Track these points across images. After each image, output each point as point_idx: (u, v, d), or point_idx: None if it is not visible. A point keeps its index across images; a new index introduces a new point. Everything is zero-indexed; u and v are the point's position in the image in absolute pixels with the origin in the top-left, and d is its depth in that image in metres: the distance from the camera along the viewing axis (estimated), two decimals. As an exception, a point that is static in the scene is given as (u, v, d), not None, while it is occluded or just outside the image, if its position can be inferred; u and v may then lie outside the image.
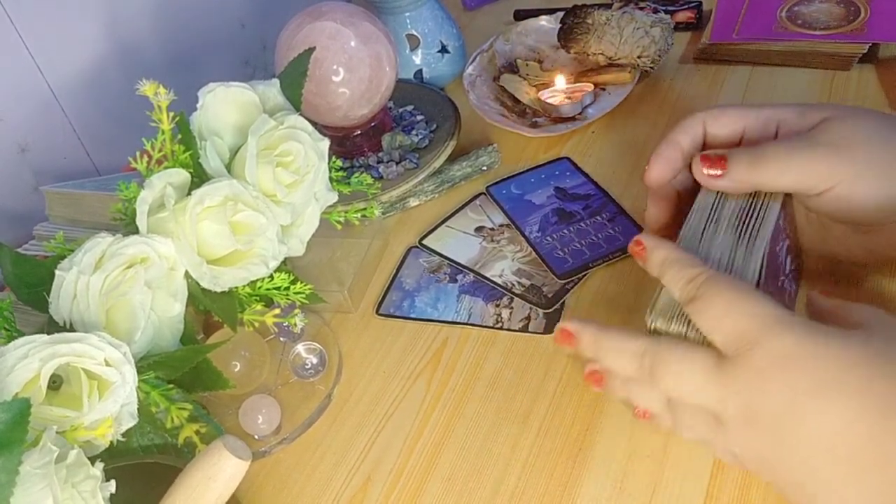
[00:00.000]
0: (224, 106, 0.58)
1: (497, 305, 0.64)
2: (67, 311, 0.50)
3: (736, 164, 0.47)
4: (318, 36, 0.71)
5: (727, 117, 0.51)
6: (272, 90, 0.60)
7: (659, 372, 0.42)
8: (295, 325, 0.56)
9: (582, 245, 0.66)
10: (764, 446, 0.39)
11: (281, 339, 0.64)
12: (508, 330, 0.61)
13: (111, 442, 0.46)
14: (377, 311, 0.67)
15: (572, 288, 0.63)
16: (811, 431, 0.37)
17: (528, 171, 0.76)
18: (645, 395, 0.44)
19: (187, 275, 0.54)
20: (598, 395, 0.55)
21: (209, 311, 0.56)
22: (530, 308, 0.63)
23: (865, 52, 0.75)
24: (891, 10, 0.78)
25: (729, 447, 0.41)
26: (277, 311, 0.56)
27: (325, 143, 0.59)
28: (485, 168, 0.77)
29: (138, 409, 0.47)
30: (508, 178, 0.76)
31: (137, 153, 0.55)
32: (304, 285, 0.58)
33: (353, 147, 0.81)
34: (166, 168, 0.55)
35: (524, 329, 0.61)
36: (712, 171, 0.47)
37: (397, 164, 0.78)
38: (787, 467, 0.38)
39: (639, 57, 0.79)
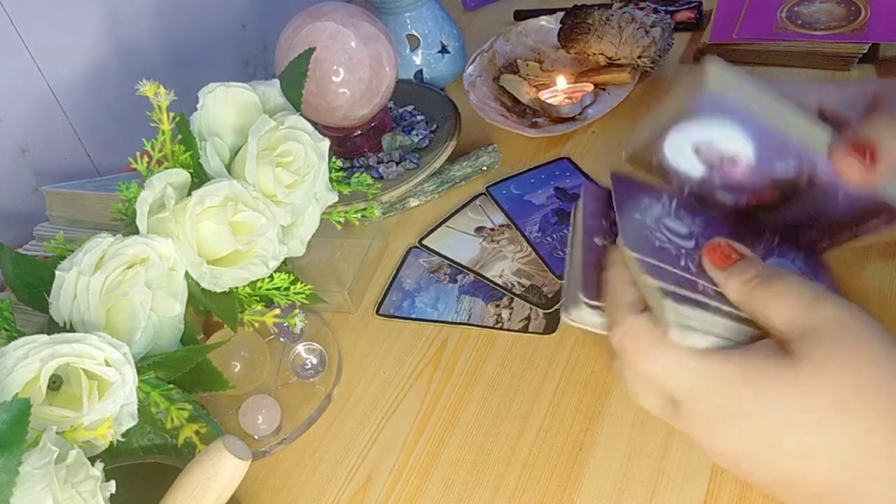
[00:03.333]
0: (224, 106, 0.58)
1: (497, 306, 0.64)
2: (67, 311, 0.50)
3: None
4: (318, 36, 0.71)
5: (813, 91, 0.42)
6: (272, 90, 0.60)
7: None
8: (295, 325, 0.56)
9: (582, 245, 0.66)
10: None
11: (281, 339, 0.64)
12: (508, 330, 0.61)
13: (111, 442, 0.46)
14: (377, 312, 0.67)
15: (572, 288, 0.63)
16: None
17: (528, 171, 0.76)
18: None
19: (187, 275, 0.54)
20: (599, 396, 0.55)
21: (209, 311, 0.56)
22: (530, 308, 0.63)
23: (866, 51, 0.75)
24: (891, 10, 0.78)
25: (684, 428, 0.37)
26: (277, 311, 0.56)
27: (326, 144, 0.59)
28: (485, 168, 0.77)
29: (138, 410, 0.47)
30: (508, 178, 0.76)
31: (138, 153, 0.55)
32: (304, 285, 0.58)
33: (353, 147, 0.81)
34: (166, 168, 0.55)
35: (524, 329, 0.61)
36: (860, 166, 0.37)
37: (397, 164, 0.78)
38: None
39: (639, 57, 0.79)
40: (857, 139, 0.37)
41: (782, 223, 0.43)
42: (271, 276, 0.57)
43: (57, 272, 0.50)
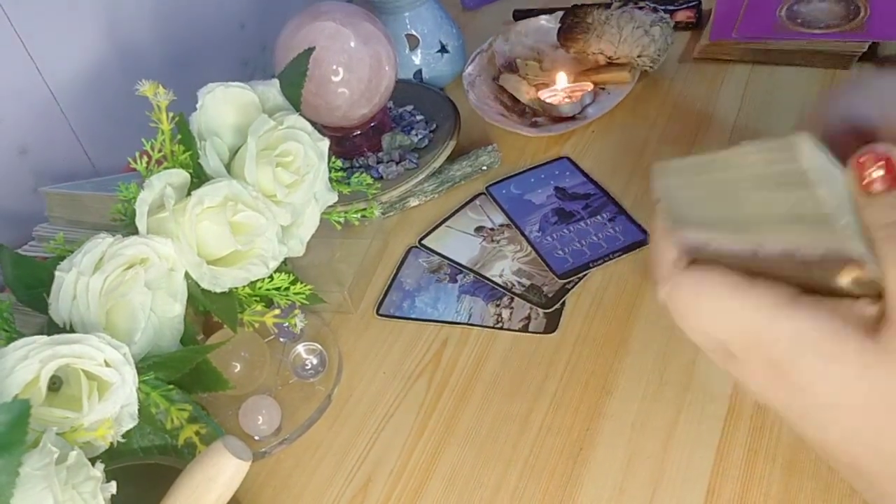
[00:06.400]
0: (223, 106, 0.58)
1: (497, 305, 0.64)
2: (67, 312, 0.50)
3: None
4: (317, 36, 0.71)
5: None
6: (272, 90, 0.60)
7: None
8: (295, 325, 0.56)
9: (582, 245, 0.66)
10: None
11: (281, 339, 0.63)
12: (509, 330, 0.61)
13: (111, 443, 0.46)
14: (377, 312, 0.66)
15: (572, 288, 0.63)
16: None
17: (527, 170, 0.76)
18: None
19: (187, 275, 0.54)
20: (600, 396, 0.55)
21: (209, 311, 0.56)
22: (530, 308, 0.62)
23: (865, 50, 0.75)
24: (890, 9, 0.78)
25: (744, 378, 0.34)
26: (277, 311, 0.56)
27: (325, 144, 0.59)
28: (484, 168, 0.77)
29: (138, 411, 0.47)
30: (508, 177, 0.76)
31: (137, 154, 0.55)
32: (304, 286, 0.58)
33: (352, 147, 0.81)
34: (166, 168, 0.55)
35: (524, 329, 0.61)
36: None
37: (397, 164, 0.77)
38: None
39: (638, 56, 0.79)
40: None
41: None
42: (271, 277, 0.57)
43: (56, 273, 0.50)
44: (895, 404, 0.29)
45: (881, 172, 0.28)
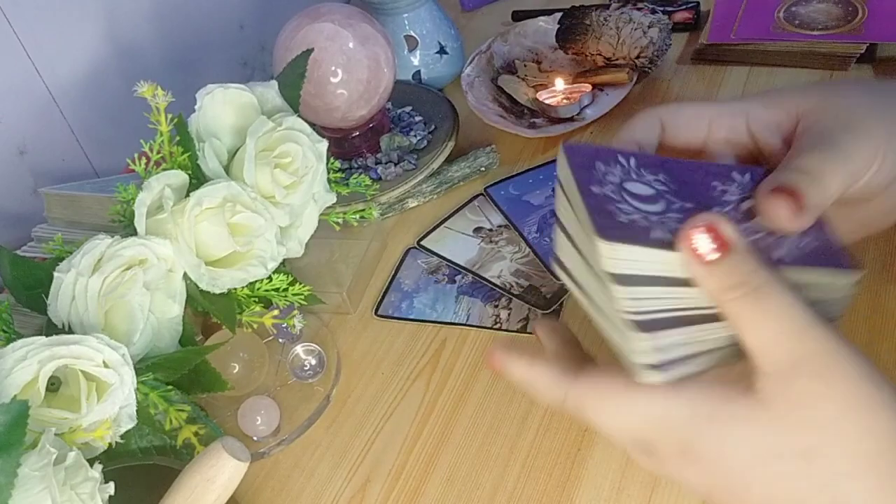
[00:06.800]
0: (222, 107, 0.58)
1: (496, 306, 0.64)
2: (66, 312, 0.50)
3: (812, 192, 0.35)
4: (316, 37, 0.71)
5: (689, 111, 0.43)
6: (270, 91, 0.60)
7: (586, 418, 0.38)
8: (293, 326, 0.56)
9: (580, 245, 0.66)
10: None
11: (279, 340, 0.64)
12: (507, 331, 0.62)
13: (110, 444, 0.46)
14: (376, 312, 0.67)
15: (571, 288, 0.63)
16: None
17: (526, 171, 0.76)
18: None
19: (186, 276, 0.54)
20: (597, 396, 0.55)
21: (208, 312, 0.57)
22: (529, 309, 0.63)
23: (863, 51, 0.75)
24: (888, 10, 0.78)
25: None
26: (276, 312, 0.56)
27: (324, 145, 0.60)
28: (483, 169, 0.77)
29: (137, 411, 0.47)
30: (507, 178, 0.76)
31: (136, 155, 0.55)
32: (303, 286, 0.58)
33: (351, 148, 0.81)
34: (165, 170, 0.55)
35: (523, 330, 0.61)
36: (788, 211, 0.34)
37: (395, 165, 0.78)
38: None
39: (636, 57, 0.79)
40: (780, 184, 0.35)
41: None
42: (270, 277, 0.57)
43: (55, 274, 0.50)
44: (798, 451, 0.30)
45: (708, 241, 0.31)
